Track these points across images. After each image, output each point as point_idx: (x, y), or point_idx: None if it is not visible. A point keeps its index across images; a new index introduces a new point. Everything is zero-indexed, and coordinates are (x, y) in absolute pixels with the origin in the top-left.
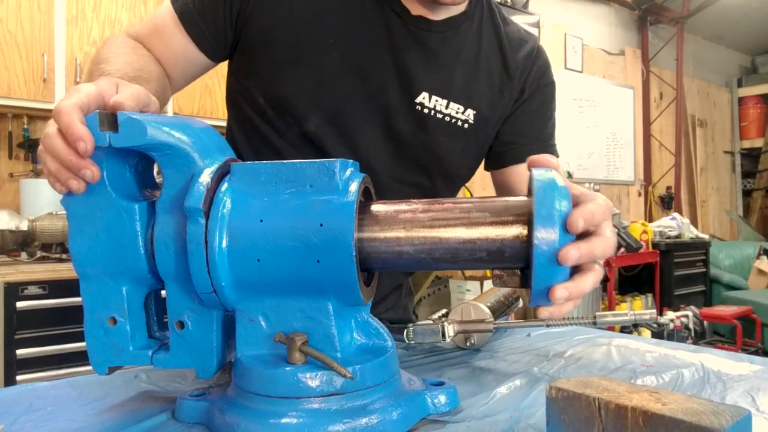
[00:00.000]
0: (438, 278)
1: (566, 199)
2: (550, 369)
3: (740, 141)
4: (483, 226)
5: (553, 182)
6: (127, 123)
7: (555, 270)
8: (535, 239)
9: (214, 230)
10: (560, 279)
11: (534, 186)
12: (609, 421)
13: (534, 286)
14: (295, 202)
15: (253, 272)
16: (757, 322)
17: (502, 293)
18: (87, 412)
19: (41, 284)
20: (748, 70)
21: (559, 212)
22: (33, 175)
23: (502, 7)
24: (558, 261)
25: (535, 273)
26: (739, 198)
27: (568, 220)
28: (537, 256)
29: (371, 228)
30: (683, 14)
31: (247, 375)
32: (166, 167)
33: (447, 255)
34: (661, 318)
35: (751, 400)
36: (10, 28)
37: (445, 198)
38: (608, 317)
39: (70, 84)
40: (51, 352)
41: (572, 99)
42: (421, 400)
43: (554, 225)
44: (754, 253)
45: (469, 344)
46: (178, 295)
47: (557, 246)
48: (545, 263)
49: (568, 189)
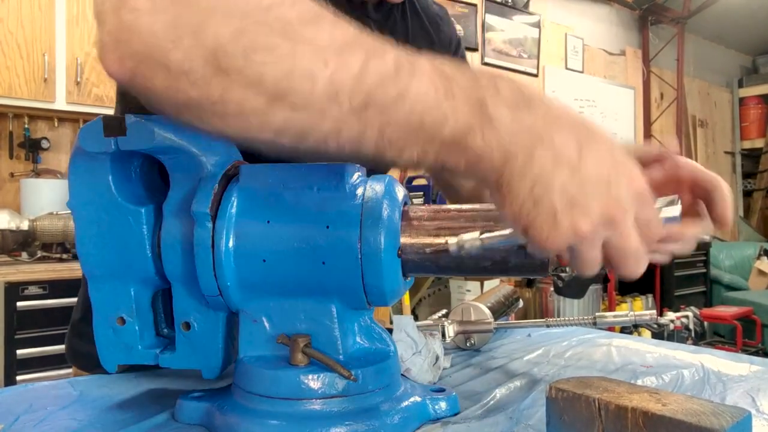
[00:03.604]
0: (438, 278)
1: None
2: (550, 369)
3: (741, 141)
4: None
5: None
6: (134, 126)
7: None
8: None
9: (221, 233)
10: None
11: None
12: (609, 421)
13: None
14: (302, 204)
15: (258, 273)
16: (758, 322)
17: (502, 293)
18: (87, 412)
19: (41, 284)
20: (749, 70)
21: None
22: (33, 174)
23: (503, 7)
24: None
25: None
26: (740, 198)
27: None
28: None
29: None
30: (684, 14)
31: (249, 376)
32: (173, 170)
33: (451, 264)
34: (662, 318)
35: (751, 401)
36: (11, 28)
37: (452, 206)
38: (608, 318)
39: (71, 84)
40: (51, 352)
41: (573, 99)
42: (422, 405)
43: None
44: (754, 253)
45: (469, 344)
46: (185, 296)
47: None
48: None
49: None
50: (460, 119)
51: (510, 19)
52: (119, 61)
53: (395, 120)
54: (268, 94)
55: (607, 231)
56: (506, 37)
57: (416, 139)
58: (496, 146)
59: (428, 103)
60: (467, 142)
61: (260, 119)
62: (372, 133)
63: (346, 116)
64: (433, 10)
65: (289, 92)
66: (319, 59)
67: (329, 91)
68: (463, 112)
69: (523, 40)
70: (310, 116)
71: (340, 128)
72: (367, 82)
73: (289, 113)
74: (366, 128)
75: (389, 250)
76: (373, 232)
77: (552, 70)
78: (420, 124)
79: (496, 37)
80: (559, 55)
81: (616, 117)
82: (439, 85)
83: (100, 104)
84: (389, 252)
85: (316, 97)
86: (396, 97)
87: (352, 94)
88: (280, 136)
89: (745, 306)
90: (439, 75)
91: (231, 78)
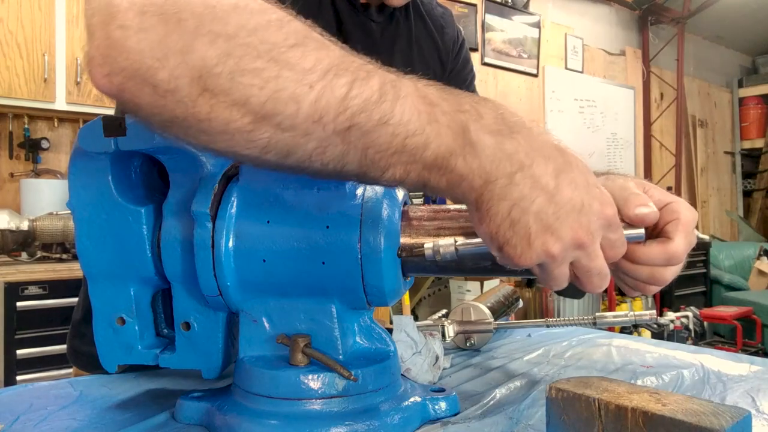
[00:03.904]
0: (438, 278)
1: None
2: (550, 369)
3: (741, 141)
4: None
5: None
6: (134, 126)
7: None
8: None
9: (221, 233)
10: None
11: None
12: (609, 421)
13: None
14: (302, 204)
15: (258, 273)
16: (758, 322)
17: (502, 293)
18: (87, 412)
19: (41, 284)
20: (749, 70)
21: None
22: (33, 175)
23: (503, 7)
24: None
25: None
26: (740, 198)
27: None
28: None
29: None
30: (684, 14)
31: (249, 375)
32: (173, 170)
33: (451, 264)
34: (661, 318)
35: (751, 401)
36: (11, 28)
37: (452, 206)
38: (608, 318)
39: (71, 84)
40: (51, 352)
41: (573, 99)
42: (422, 405)
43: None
44: (754, 253)
45: (469, 344)
46: (185, 296)
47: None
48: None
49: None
50: (443, 143)
51: (510, 19)
52: (107, 76)
53: (378, 143)
54: (253, 114)
55: (576, 253)
56: (506, 37)
57: (398, 160)
58: (477, 170)
59: (411, 128)
60: (449, 164)
61: (246, 137)
62: (355, 154)
63: (330, 137)
64: (437, 12)
65: (274, 113)
66: (305, 83)
67: (313, 114)
68: (446, 137)
69: (523, 40)
70: (295, 136)
71: (324, 148)
72: (351, 106)
73: (273, 133)
74: (349, 149)
75: (389, 250)
76: (373, 233)
77: (552, 70)
78: (402, 147)
79: (495, 37)
80: (559, 55)
81: (616, 117)
82: (422, 110)
83: (100, 104)
84: (389, 252)
85: (300, 119)
86: (379, 120)
87: (336, 117)
88: (265, 153)
89: (745, 306)
90: (422, 99)
91: (217, 98)
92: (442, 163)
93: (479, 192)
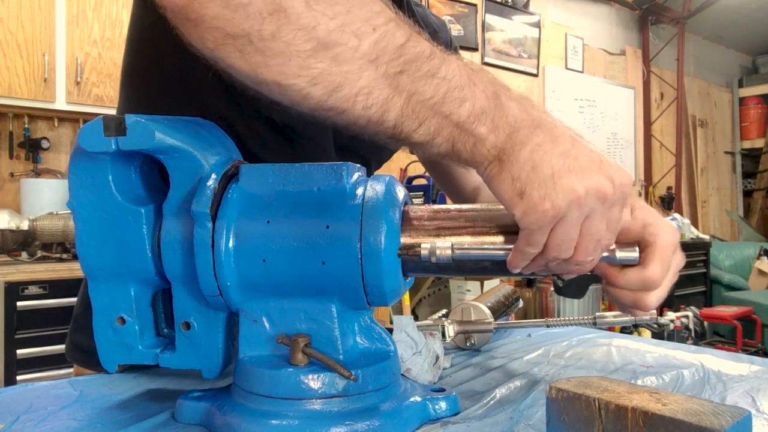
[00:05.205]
0: (438, 278)
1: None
2: (550, 369)
3: (741, 141)
4: (488, 235)
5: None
6: (135, 126)
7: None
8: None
9: (221, 233)
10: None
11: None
12: (609, 421)
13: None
14: (302, 204)
15: (258, 273)
16: (758, 322)
17: (502, 293)
18: (87, 412)
19: (41, 284)
20: (749, 70)
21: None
22: (33, 174)
23: (503, 6)
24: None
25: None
26: (740, 198)
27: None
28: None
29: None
30: (684, 14)
31: (249, 375)
32: (173, 170)
33: (451, 264)
34: (662, 318)
35: (751, 401)
36: (11, 28)
37: (452, 205)
38: (608, 318)
39: (71, 84)
40: (51, 352)
41: (573, 99)
42: (422, 405)
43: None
44: (754, 253)
45: (469, 344)
46: (185, 296)
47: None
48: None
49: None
50: (477, 102)
51: (510, 18)
52: None
53: (422, 90)
54: (316, 41)
55: (595, 204)
56: (506, 37)
57: (436, 112)
58: (503, 126)
59: (453, 84)
60: (480, 121)
61: (301, 63)
62: (398, 100)
63: (379, 79)
64: (431, 19)
65: (335, 45)
66: (371, 23)
67: (371, 53)
68: (481, 99)
69: (523, 40)
70: (348, 71)
71: (372, 89)
72: (405, 54)
73: (329, 64)
74: (395, 94)
75: (389, 250)
76: (373, 232)
77: (552, 70)
78: (443, 99)
79: (496, 36)
80: (559, 55)
81: (616, 117)
82: (464, 73)
83: (100, 104)
84: (389, 252)
85: (358, 54)
86: (427, 72)
87: (390, 60)
88: (313, 84)
89: (745, 306)
90: (465, 66)
91: (288, 19)
92: (473, 122)
93: (502, 145)
